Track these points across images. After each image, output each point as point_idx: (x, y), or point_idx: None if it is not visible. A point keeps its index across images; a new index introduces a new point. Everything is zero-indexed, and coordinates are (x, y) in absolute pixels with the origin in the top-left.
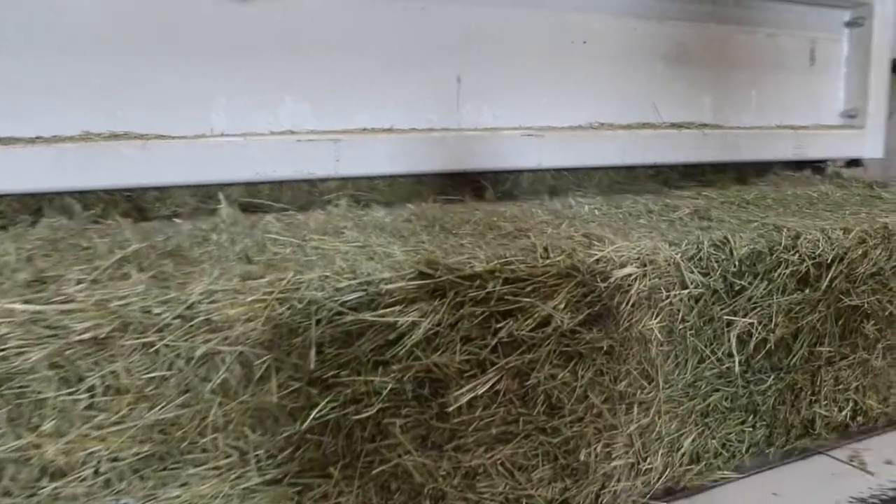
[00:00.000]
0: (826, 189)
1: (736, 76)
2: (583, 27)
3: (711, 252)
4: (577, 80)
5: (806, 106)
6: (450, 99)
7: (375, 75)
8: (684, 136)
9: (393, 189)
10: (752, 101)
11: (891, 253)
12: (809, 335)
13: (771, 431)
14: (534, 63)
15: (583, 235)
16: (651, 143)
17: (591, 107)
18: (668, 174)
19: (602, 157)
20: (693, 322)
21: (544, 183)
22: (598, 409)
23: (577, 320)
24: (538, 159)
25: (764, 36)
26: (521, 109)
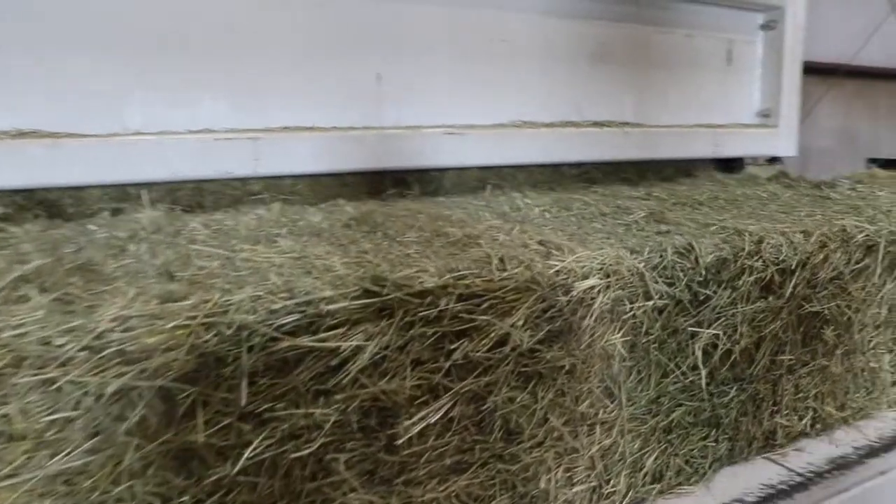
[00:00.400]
0: (774, 189)
1: (656, 76)
2: (506, 26)
3: (676, 260)
4: (501, 79)
5: (723, 105)
6: (371, 97)
7: (296, 73)
8: (606, 134)
9: (316, 189)
10: (671, 101)
11: (849, 257)
12: (772, 344)
13: (733, 445)
14: (457, 61)
15: (539, 243)
16: (574, 142)
17: (514, 105)
18: (591, 172)
19: (525, 155)
20: (657, 335)
21: (469, 181)
22: (558, 433)
23: (536, 338)
24: (460, 158)
25: (683, 37)
26: (444, 108)
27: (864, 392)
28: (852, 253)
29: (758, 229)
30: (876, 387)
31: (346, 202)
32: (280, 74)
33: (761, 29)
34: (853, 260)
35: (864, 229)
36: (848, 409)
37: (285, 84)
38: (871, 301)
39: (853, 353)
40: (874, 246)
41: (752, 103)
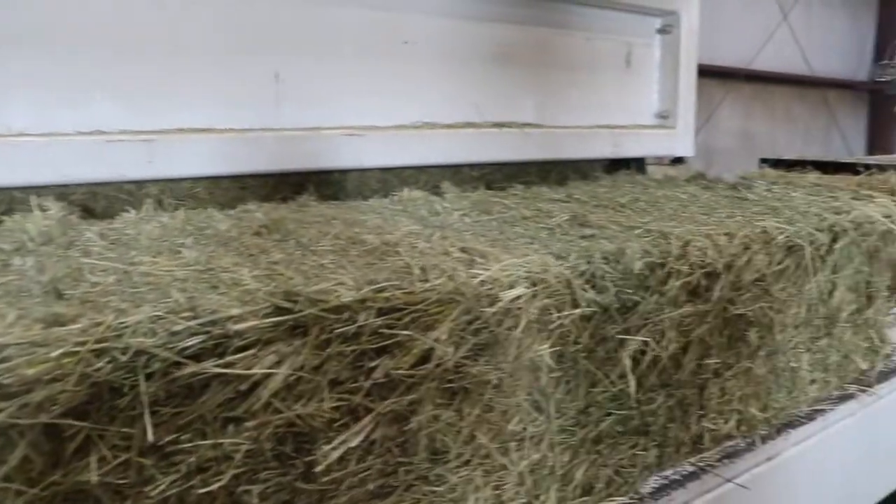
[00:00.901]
0: (693, 190)
1: (557, 77)
2: (406, 27)
3: (603, 266)
4: (402, 80)
5: (623, 107)
6: (269, 97)
7: (192, 72)
8: (506, 135)
9: (215, 192)
10: (572, 102)
11: (771, 258)
12: (699, 348)
13: (662, 452)
14: (357, 62)
15: (461, 251)
16: (474, 143)
17: (415, 106)
18: (492, 174)
19: (425, 156)
20: (586, 344)
21: (371, 183)
22: (486, 450)
23: (461, 352)
24: (360, 159)
25: (583, 39)
26: (344, 108)
27: (786, 392)
28: (774, 254)
29: (683, 232)
30: (796, 386)
31: (255, 207)
32: (175, 74)
33: (658, 33)
34: (774, 261)
35: (785, 230)
36: (771, 410)
37: (181, 84)
38: (791, 302)
39: (775, 353)
40: (794, 247)
41: (650, 105)
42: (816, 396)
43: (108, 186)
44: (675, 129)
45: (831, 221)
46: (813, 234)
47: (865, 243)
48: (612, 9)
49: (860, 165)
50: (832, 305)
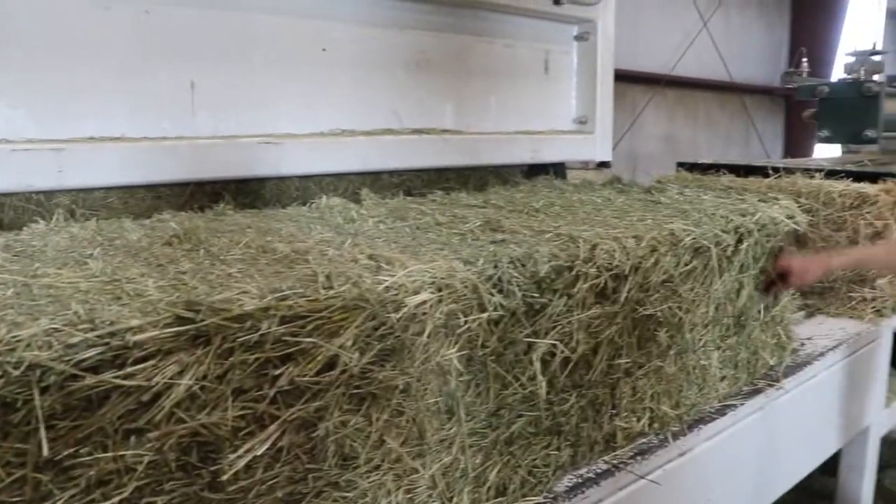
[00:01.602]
0: (608, 194)
1: (476, 84)
2: (324, 35)
3: (510, 270)
4: (320, 88)
5: (542, 112)
6: (185, 106)
7: (102, 81)
8: (425, 141)
9: (129, 202)
10: (491, 108)
11: (679, 260)
12: (609, 348)
13: (576, 451)
14: (275, 70)
15: (369, 258)
16: (393, 150)
17: (333, 114)
18: (412, 180)
19: (343, 163)
20: (494, 347)
21: (290, 191)
22: (396, 454)
23: (367, 358)
24: (277, 167)
25: (501, 46)
26: (261, 116)
27: (696, 389)
28: (681, 256)
29: (591, 235)
30: (706, 383)
31: (170, 217)
32: (87, 82)
33: (575, 40)
34: (682, 262)
35: (691, 232)
36: (682, 407)
37: (92, 92)
38: (699, 301)
39: (685, 352)
40: (701, 248)
41: (569, 110)
42: (727, 392)
43: (14, 196)
44: (593, 135)
45: (737, 223)
46: (719, 235)
47: (770, 243)
48: (529, 17)
49: (770, 168)
50: (740, 304)
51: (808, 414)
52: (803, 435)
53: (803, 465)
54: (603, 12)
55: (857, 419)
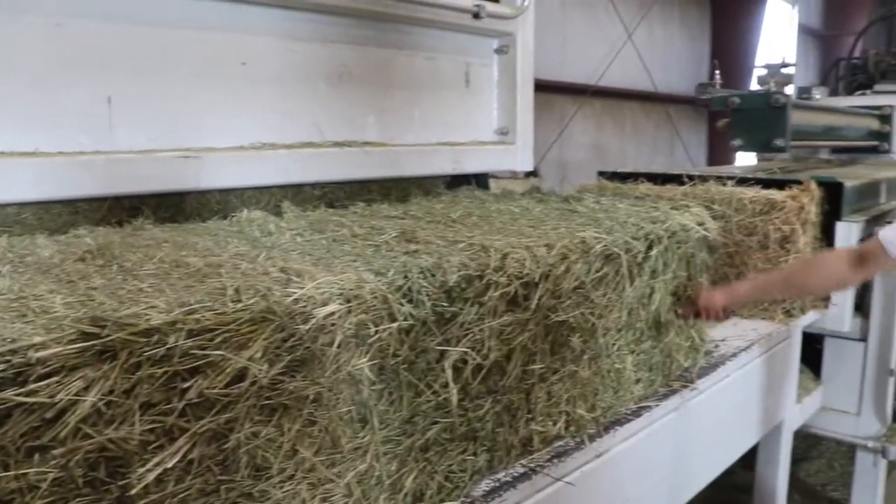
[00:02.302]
0: (527, 204)
1: (398, 97)
2: (244, 49)
3: (420, 280)
4: (241, 101)
5: (464, 124)
6: (101, 120)
7: (14, 95)
8: (347, 154)
9: (45, 218)
10: (413, 120)
11: (590, 266)
12: (522, 355)
13: (492, 455)
14: (194, 83)
15: (280, 271)
16: (314, 162)
17: (254, 127)
18: (334, 192)
19: (264, 177)
20: (406, 356)
21: (210, 205)
22: (310, 463)
23: (277, 369)
24: (197, 181)
25: (423, 59)
26: (181, 130)
27: (612, 392)
28: (592, 263)
29: (503, 245)
30: (621, 386)
31: (86, 232)
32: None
33: (496, 53)
34: (593, 269)
35: (602, 240)
36: (598, 410)
37: (3, 106)
38: (612, 306)
39: (599, 356)
40: (612, 255)
41: (490, 122)
42: (642, 394)
43: None
44: (514, 145)
45: (647, 230)
46: (629, 242)
47: (681, 249)
48: (450, 30)
49: (685, 176)
50: (653, 308)
51: (723, 412)
52: (719, 433)
53: (719, 462)
54: (522, 26)
55: (770, 415)
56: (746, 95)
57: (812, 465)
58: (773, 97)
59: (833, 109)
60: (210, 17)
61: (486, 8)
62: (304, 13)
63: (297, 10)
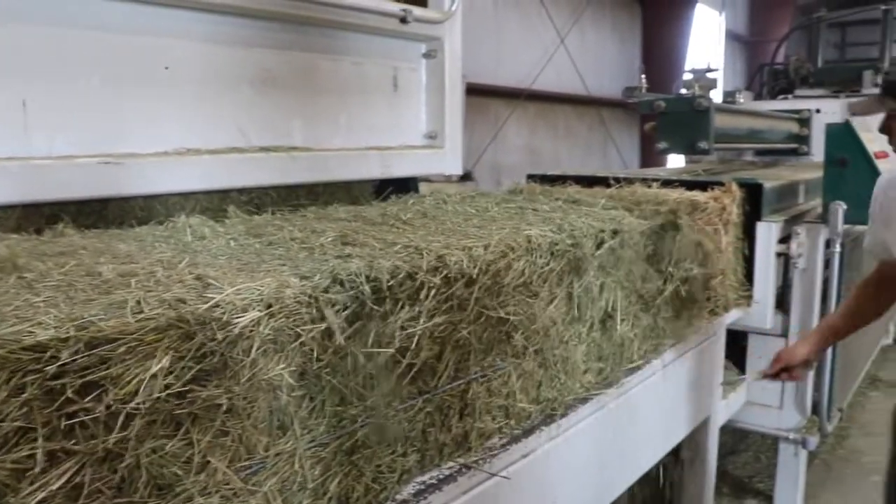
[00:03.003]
0: (485, 204)
1: (325, 101)
2: (166, 53)
3: (349, 283)
4: (163, 106)
5: (392, 128)
6: (16, 126)
7: None
8: (273, 159)
9: None
10: (341, 125)
11: (531, 264)
12: (456, 353)
13: (423, 455)
14: (114, 88)
15: (196, 278)
16: (239, 168)
17: (177, 132)
18: (261, 198)
19: (188, 182)
20: (330, 360)
21: (134, 211)
22: (224, 476)
23: (186, 379)
24: (118, 187)
25: (350, 64)
26: (100, 136)
27: (559, 383)
28: (536, 259)
29: (440, 245)
30: (570, 377)
31: None
32: None
33: (423, 57)
34: (534, 267)
35: (548, 237)
36: (540, 403)
37: None
38: (557, 302)
39: (544, 350)
40: (556, 252)
41: (419, 126)
42: (588, 387)
43: None
44: (443, 149)
45: (597, 228)
46: (577, 239)
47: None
48: (377, 35)
49: (612, 178)
50: (602, 304)
51: (651, 409)
52: (646, 429)
53: (647, 458)
54: (450, 30)
55: (697, 411)
56: (671, 99)
57: (740, 458)
58: (697, 101)
59: (755, 113)
60: (131, 20)
61: (414, 12)
62: (226, 17)
63: (219, 14)
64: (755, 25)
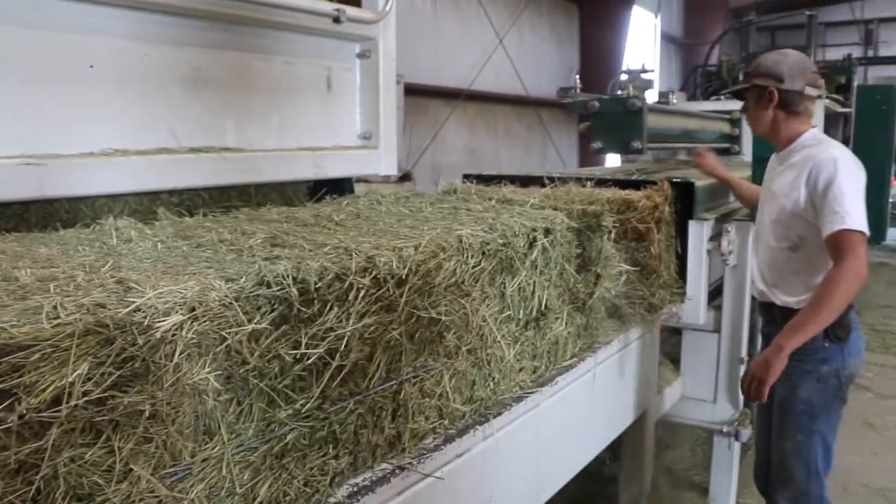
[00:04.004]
0: (410, 205)
1: (257, 101)
2: (91, 51)
3: (275, 285)
4: (88, 105)
5: (326, 129)
6: None
7: None
8: (204, 160)
9: None
10: (273, 125)
11: (462, 264)
12: (387, 354)
13: (356, 457)
14: (35, 87)
15: (117, 282)
16: (169, 169)
17: (104, 133)
18: (193, 199)
19: (116, 184)
20: (257, 363)
21: (59, 214)
22: (148, 483)
23: (106, 385)
24: (41, 189)
25: (282, 63)
26: (21, 136)
27: (493, 382)
28: (466, 260)
29: (371, 246)
30: (504, 376)
31: None
32: None
33: (357, 57)
34: (466, 267)
35: (479, 237)
36: (474, 402)
37: None
38: (490, 301)
39: (477, 349)
40: (487, 252)
41: (353, 126)
42: (522, 385)
43: None
44: (377, 149)
45: (529, 227)
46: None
47: (563, 246)
48: (310, 34)
49: (547, 178)
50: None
51: (586, 406)
52: (583, 425)
53: (584, 454)
54: (384, 31)
55: (634, 407)
56: (605, 100)
57: (676, 452)
58: (630, 101)
59: (688, 113)
60: (53, 16)
61: (347, 12)
62: (153, 14)
63: (147, 12)
64: (690, 28)
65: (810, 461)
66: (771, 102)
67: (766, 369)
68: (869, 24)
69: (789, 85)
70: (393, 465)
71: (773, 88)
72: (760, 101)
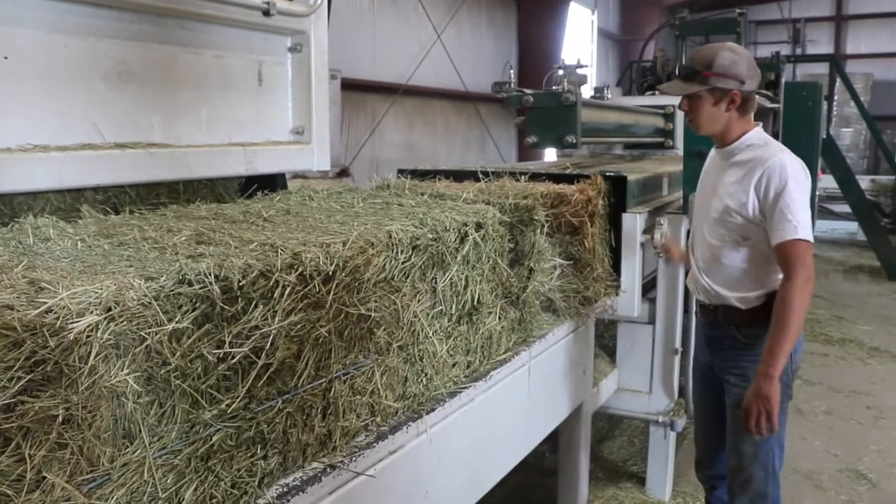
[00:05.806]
0: (343, 202)
1: (185, 96)
2: (5, 42)
3: (196, 282)
4: (3, 100)
5: (257, 124)
6: None
7: None
8: (129, 156)
9: None
10: (202, 120)
11: (392, 260)
12: (316, 352)
13: (285, 457)
14: None
15: (28, 283)
16: (92, 165)
17: (21, 128)
18: (119, 196)
19: (35, 181)
20: (178, 363)
21: None
22: (63, 491)
23: (14, 391)
24: None
25: (211, 57)
26: None
27: (426, 378)
28: (397, 255)
29: (297, 243)
30: (437, 372)
31: None
32: None
33: (289, 52)
34: (396, 263)
35: (409, 231)
36: (406, 399)
37: None
38: (421, 297)
39: (409, 345)
40: (418, 247)
41: (285, 121)
42: (456, 381)
43: None
44: (310, 144)
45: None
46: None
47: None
48: (239, 28)
49: (481, 173)
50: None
51: (522, 400)
52: (518, 420)
53: (520, 448)
54: (315, 24)
55: (569, 400)
56: (540, 94)
57: (614, 443)
58: (564, 96)
59: (623, 108)
60: None
61: (277, 5)
62: (73, 5)
63: (66, 2)
64: (626, 24)
65: (768, 462)
66: (733, 104)
67: (766, 401)
68: (797, 23)
69: (749, 86)
70: (324, 464)
71: (736, 91)
72: (720, 102)
